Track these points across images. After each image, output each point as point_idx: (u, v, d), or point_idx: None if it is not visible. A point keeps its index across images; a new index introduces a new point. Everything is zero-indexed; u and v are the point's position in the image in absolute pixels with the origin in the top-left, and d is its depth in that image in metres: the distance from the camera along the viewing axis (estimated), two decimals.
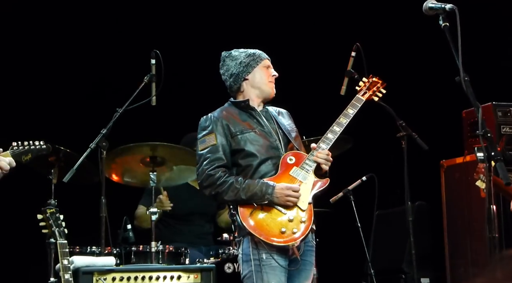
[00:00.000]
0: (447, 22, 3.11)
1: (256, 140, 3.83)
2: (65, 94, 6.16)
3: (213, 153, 3.79)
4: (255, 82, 3.95)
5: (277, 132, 3.91)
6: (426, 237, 6.05)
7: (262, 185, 3.69)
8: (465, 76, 3.01)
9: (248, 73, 3.94)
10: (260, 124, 3.90)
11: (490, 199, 2.81)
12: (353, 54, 5.01)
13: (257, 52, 4.01)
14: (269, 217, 3.68)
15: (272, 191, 3.67)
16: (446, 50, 3.13)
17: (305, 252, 3.77)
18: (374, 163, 6.21)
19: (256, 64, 3.95)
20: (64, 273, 3.95)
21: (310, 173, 3.78)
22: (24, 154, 3.85)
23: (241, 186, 3.69)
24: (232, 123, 3.86)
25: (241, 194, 3.69)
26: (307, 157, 3.81)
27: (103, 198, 4.38)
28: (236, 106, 3.96)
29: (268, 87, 3.96)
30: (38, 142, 3.93)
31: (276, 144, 3.86)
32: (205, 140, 3.83)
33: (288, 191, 3.68)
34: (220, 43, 6.38)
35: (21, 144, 3.86)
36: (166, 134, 5.39)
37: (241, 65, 3.93)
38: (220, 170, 3.76)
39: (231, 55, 4.01)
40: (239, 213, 3.70)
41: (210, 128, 3.85)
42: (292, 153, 3.84)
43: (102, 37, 6.28)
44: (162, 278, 4.36)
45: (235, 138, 3.83)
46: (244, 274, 3.72)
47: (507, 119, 5.55)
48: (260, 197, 3.68)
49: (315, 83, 6.60)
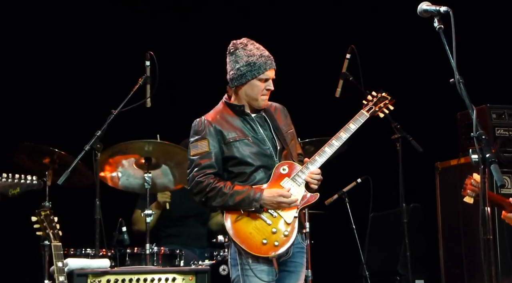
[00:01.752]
0: (441, 25, 3.12)
1: (250, 148, 3.79)
2: (60, 96, 6.15)
3: (204, 160, 3.76)
4: (247, 93, 3.85)
5: (271, 139, 3.86)
6: (421, 239, 6.05)
7: (249, 191, 3.68)
8: (459, 78, 3.01)
9: (241, 84, 3.83)
10: (254, 130, 3.85)
11: (484, 201, 2.81)
12: (348, 56, 5.02)
13: (259, 62, 3.82)
14: (253, 226, 3.68)
15: (259, 197, 3.65)
16: (441, 52, 3.13)
17: (294, 254, 3.77)
18: (369, 165, 6.21)
19: (252, 76, 3.81)
20: (58, 275, 3.94)
21: (301, 186, 3.76)
22: (12, 187, 3.82)
23: (229, 192, 3.68)
24: (226, 129, 3.81)
25: (229, 201, 3.68)
26: (300, 170, 3.78)
27: (97, 200, 4.38)
28: (231, 108, 3.90)
29: (257, 102, 3.85)
30: (30, 177, 3.90)
31: (270, 152, 3.82)
32: (197, 146, 3.80)
33: (279, 198, 3.68)
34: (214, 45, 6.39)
35: (11, 176, 3.82)
36: (161, 136, 5.38)
37: (238, 72, 3.82)
38: (209, 177, 3.74)
39: (236, 53, 3.87)
40: (225, 218, 3.71)
41: (203, 133, 3.80)
42: (286, 163, 3.80)
43: (97, 39, 6.28)
44: (157, 280, 4.35)
45: (228, 145, 3.79)
46: (233, 278, 3.75)
47: (502, 121, 5.56)
48: (248, 204, 3.66)
49: (310, 85, 6.60)
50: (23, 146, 4.80)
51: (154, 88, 4.65)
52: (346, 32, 6.41)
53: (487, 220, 2.77)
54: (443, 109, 6.12)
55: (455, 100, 3.36)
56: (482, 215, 2.78)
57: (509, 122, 5.56)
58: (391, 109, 4.11)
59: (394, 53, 6.64)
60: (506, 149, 5.48)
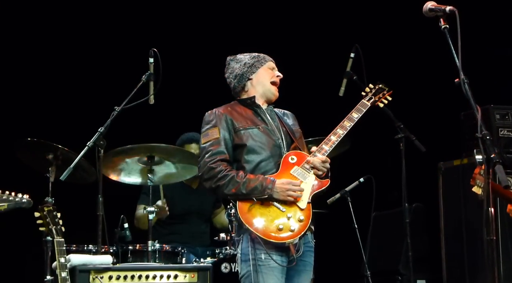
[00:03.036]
0: (447, 24, 3.11)
1: (259, 137, 3.84)
2: (63, 93, 6.15)
3: (215, 146, 3.80)
4: (258, 81, 3.98)
5: (280, 131, 3.93)
6: (423, 239, 6.05)
7: (262, 180, 3.70)
8: (464, 78, 3.00)
9: (252, 73, 3.98)
10: (264, 121, 3.91)
11: (488, 202, 2.81)
12: (352, 55, 5.01)
13: (261, 55, 4.05)
14: (267, 214, 3.68)
15: (272, 186, 3.67)
16: (445, 52, 3.13)
17: (304, 253, 3.77)
18: (371, 165, 6.21)
19: (261, 64, 3.99)
20: (60, 271, 3.94)
21: (311, 173, 3.79)
22: None
23: (242, 180, 3.69)
24: (236, 118, 3.88)
25: (242, 188, 3.68)
26: (308, 158, 3.81)
27: (100, 197, 4.38)
28: (242, 103, 3.98)
29: (270, 87, 3.99)
30: (21, 195, 3.89)
31: (279, 142, 3.87)
32: (208, 134, 3.85)
33: (289, 186, 3.69)
34: (218, 43, 6.41)
35: (1, 192, 3.82)
36: (164, 132, 5.39)
37: (246, 66, 3.98)
38: (221, 164, 3.77)
39: (236, 58, 4.05)
40: (238, 208, 3.70)
41: (214, 122, 3.86)
42: (294, 152, 3.85)
43: (101, 35, 6.28)
44: (158, 277, 4.35)
45: (238, 133, 3.84)
46: (243, 273, 3.71)
47: (505, 122, 5.55)
48: (261, 192, 3.67)
49: (314, 84, 6.60)
50: (26, 142, 4.81)
51: (157, 85, 4.65)
52: (351, 31, 6.41)
53: (490, 221, 2.77)
54: (446, 109, 6.11)
55: (459, 100, 3.36)
56: (485, 215, 2.78)
57: None
58: (389, 99, 4.17)
59: (398, 53, 6.64)
60: (509, 150, 5.48)
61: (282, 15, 6.72)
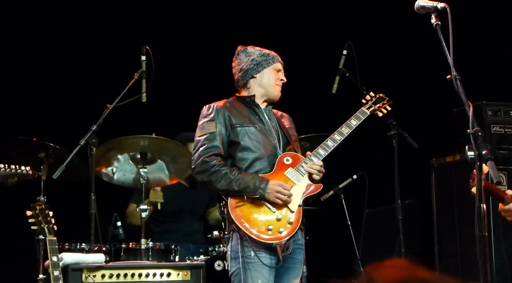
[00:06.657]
0: (438, 21, 3.11)
1: (255, 136, 3.84)
2: (55, 90, 6.13)
3: (210, 140, 3.80)
4: (262, 81, 3.97)
5: (277, 132, 3.93)
6: (416, 235, 6.05)
7: (256, 178, 3.70)
8: (456, 74, 3.01)
9: (258, 72, 3.97)
10: (261, 121, 3.92)
11: (480, 198, 2.81)
12: (344, 52, 5.01)
13: (272, 54, 4.03)
14: (257, 213, 3.68)
15: (265, 186, 3.66)
16: (437, 48, 3.13)
17: (294, 250, 3.78)
18: (364, 162, 6.21)
19: (268, 64, 3.97)
20: (53, 270, 3.93)
21: (305, 176, 3.78)
22: (11, 176, 3.90)
23: (235, 177, 3.69)
24: (234, 114, 3.88)
25: (234, 185, 3.68)
26: (303, 161, 3.81)
27: (92, 195, 4.36)
28: (241, 100, 3.98)
29: (274, 90, 3.98)
30: (24, 167, 4.00)
31: (275, 143, 3.87)
32: (205, 127, 3.85)
33: (279, 188, 3.68)
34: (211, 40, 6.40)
35: (7, 166, 3.87)
36: (156, 131, 5.36)
37: (253, 62, 3.96)
38: (215, 159, 3.77)
39: (246, 51, 4.03)
40: (229, 204, 3.70)
41: (212, 116, 3.86)
42: (290, 154, 3.85)
43: (93, 33, 6.26)
44: (151, 275, 4.34)
45: (234, 130, 3.84)
46: (232, 271, 3.73)
47: (497, 118, 5.55)
48: (253, 190, 3.67)
49: (306, 81, 6.59)
50: (18, 140, 4.79)
51: (149, 83, 4.64)
52: (343, 28, 6.41)
53: (482, 217, 2.77)
54: (439, 106, 6.12)
55: (451, 97, 3.36)
56: (477, 211, 2.78)
57: (505, 119, 5.56)
58: (389, 109, 4.23)
59: (391, 49, 6.64)
60: (501, 146, 5.48)
61: (275, 12, 6.71)
